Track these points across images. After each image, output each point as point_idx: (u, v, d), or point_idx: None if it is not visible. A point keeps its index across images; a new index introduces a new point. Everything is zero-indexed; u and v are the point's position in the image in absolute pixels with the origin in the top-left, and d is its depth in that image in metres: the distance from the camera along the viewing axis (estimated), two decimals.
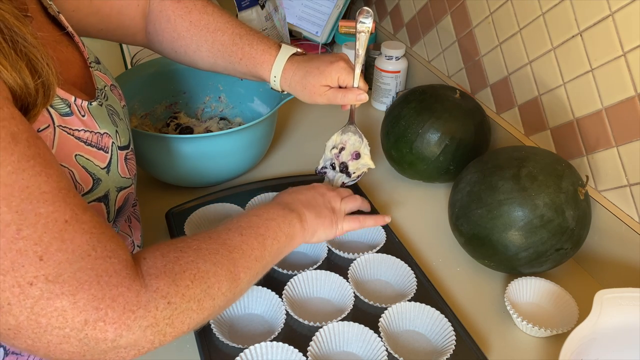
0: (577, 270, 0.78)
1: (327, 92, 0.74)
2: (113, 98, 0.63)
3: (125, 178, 0.59)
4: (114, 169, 0.57)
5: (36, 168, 0.40)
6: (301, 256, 0.77)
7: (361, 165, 0.81)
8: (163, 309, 0.45)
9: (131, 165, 0.61)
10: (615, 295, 0.57)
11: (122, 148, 0.59)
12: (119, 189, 0.58)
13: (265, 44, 0.75)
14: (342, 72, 0.74)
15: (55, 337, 0.41)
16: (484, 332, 0.68)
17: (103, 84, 0.62)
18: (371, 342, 0.63)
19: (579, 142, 0.78)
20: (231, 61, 0.76)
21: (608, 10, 0.69)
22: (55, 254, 0.40)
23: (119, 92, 0.67)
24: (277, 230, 0.62)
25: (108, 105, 0.59)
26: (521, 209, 0.68)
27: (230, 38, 0.75)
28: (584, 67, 0.74)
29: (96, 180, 0.54)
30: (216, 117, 1.04)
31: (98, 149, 0.54)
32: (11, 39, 0.43)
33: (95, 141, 0.54)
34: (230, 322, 0.67)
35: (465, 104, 0.88)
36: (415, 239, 0.83)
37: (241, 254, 0.55)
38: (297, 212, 0.67)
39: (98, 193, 0.54)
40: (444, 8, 1.05)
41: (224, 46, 0.75)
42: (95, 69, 0.62)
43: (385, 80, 1.14)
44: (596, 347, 0.56)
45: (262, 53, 0.75)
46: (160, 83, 0.99)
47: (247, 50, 0.75)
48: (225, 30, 0.75)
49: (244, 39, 0.75)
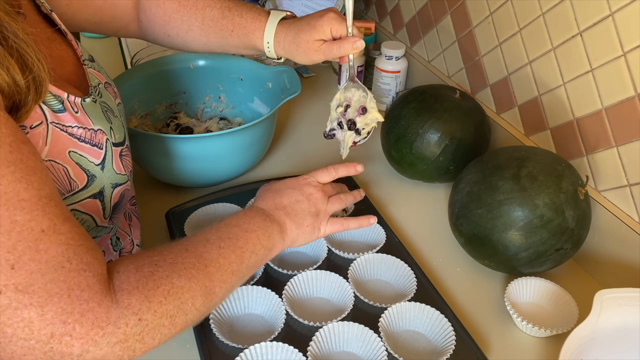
0: (577, 270, 0.78)
1: (321, 46, 0.72)
2: (107, 95, 0.63)
3: (121, 174, 0.58)
4: (109, 165, 0.56)
5: (16, 174, 0.40)
6: (301, 256, 0.77)
7: (370, 120, 0.77)
8: (134, 325, 0.44)
9: (126, 162, 0.61)
10: (615, 295, 0.57)
11: (117, 145, 0.59)
12: (115, 186, 0.57)
13: (254, 12, 0.75)
14: (333, 23, 0.71)
15: (20, 348, 0.40)
16: (484, 332, 0.68)
17: (97, 82, 0.62)
18: (371, 342, 0.63)
19: (579, 142, 0.78)
20: (223, 35, 0.76)
21: (608, 10, 0.69)
22: (28, 263, 0.39)
23: (114, 90, 0.67)
24: (256, 243, 0.60)
25: (102, 102, 0.59)
26: (521, 209, 0.68)
27: (220, 12, 0.75)
28: (584, 67, 0.74)
29: (91, 176, 0.54)
30: (216, 117, 1.04)
31: (92, 146, 0.54)
32: (1, 35, 0.43)
33: (89, 138, 0.54)
34: (230, 322, 0.67)
35: (465, 104, 0.88)
36: (415, 239, 0.83)
37: (217, 268, 0.54)
38: (279, 223, 0.65)
39: (93, 190, 0.54)
40: (444, 8, 1.05)
41: (214, 21, 0.75)
42: (89, 66, 0.62)
43: (385, 80, 1.14)
44: (596, 347, 0.56)
45: (253, 21, 0.74)
46: (160, 83, 0.99)
47: (238, 20, 0.74)
48: (214, 6, 0.75)
49: (233, 11, 0.75)
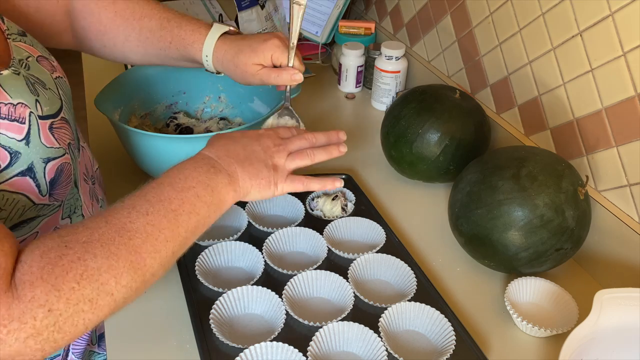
0: (577, 270, 0.78)
1: (259, 71, 0.71)
2: (39, 68, 0.60)
3: (54, 148, 0.56)
4: (35, 139, 0.54)
5: None
6: (301, 256, 0.77)
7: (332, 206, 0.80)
8: (43, 317, 0.42)
9: (61, 135, 0.57)
10: (615, 295, 0.57)
11: (46, 117, 0.56)
12: (47, 160, 0.55)
13: (194, 24, 0.73)
14: (275, 50, 0.70)
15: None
16: (484, 332, 0.68)
17: (26, 55, 0.59)
18: (371, 342, 0.63)
19: (579, 142, 0.78)
20: (161, 47, 0.74)
21: (608, 10, 0.69)
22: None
23: (52, 64, 0.63)
24: (195, 202, 0.54)
25: (29, 75, 0.57)
26: (521, 209, 0.68)
27: (158, 23, 0.73)
28: (584, 67, 0.74)
29: (14, 153, 0.52)
30: (216, 117, 1.04)
31: (11, 121, 0.52)
32: None
33: (5, 113, 0.51)
34: (230, 322, 0.67)
35: (465, 104, 0.88)
36: (415, 239, 0.83)
37: (145, 238, 0.49)
38: (227, 172, 0.59)
39: (20, 166, 0.52)
40: (444, 8, 1.05)
41: (152, 32, 0.73)
42: (17, 40, 0.60)
43: (385, 80, 1.14)
44: (596, 347, 0.56)
45: (192, 33, 0.72)
46: (160, 83, 0.99)
47: (176, 32, 0.72)
48: (152, 16, 0.73)
49: (172, 22, 0.73)
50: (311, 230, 0.78)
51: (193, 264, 0.71)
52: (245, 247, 0.75)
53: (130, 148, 0.85)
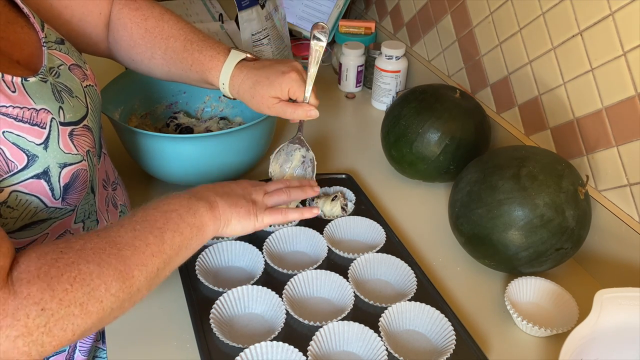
0: (577, 270, 0.78)
1: (275, 104, 0.72)
2: (69, 76, 0.61)
3: (71, 154, 0.57)
4: (54, 144, 0.55)
5: None
6: (301, 256, 0.78)
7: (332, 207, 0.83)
8: (36, 316, 0.43)
9: (81, 142, 0.59)
10: (615, 295, 0.57)
11: (67, 124, 0.57)
12: (63, 165, 0.56)
13: (214, 49, 0.74)
14: (293, 85, 0.71)
15: None
16: (484, 331, 0.68)
17: (58, 63, 0.60)
18: (371, 342, 0.63)
19: (579, 142, 0.78)
20: (183, 68, 0.75)
21: (608, 10, 0.69)
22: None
23: (85, 73, 0.65)
24: (179, 222, 0.58)
25: (57, 83, 0.58)
26: (521, 208, 0.68)
27: (182, 44, 0.74)
28: (584, 66, 0.74)
29: (31, 156, 0.53)
30: (216, 117, 1.04)
31: (32, 125, 0.53)
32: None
33: (27, 117, 0.53)
34: (230, 322, 0.67)
35: (465, 103, 0.88)
36: (415, 239, 0.83)
37: (133, 251, 0.52)
38: (206, 200, 0.62)
39: (36, 169, 0.53)
40: (444, 8, 1.05)
41: (176, 53, 0.75)
42: (53, 48, 0.61)
43: (385, 80, 1.14)
44: (596, 347, 0.56)
45: (211, 59, 0.74)
46: (160, 83, 0.99)
47: (197, 56, 0.74)
48: (178, 37, 0.75)
49: (194, 45, 0.74)
50: (311, 230, 0.78)
51: (193, 264, 0.71)
52: (246, 246, 0.75)
53: (130, 148, 0.85)
